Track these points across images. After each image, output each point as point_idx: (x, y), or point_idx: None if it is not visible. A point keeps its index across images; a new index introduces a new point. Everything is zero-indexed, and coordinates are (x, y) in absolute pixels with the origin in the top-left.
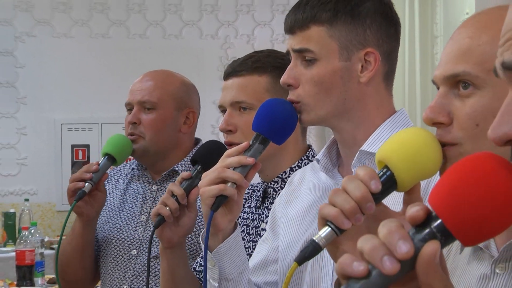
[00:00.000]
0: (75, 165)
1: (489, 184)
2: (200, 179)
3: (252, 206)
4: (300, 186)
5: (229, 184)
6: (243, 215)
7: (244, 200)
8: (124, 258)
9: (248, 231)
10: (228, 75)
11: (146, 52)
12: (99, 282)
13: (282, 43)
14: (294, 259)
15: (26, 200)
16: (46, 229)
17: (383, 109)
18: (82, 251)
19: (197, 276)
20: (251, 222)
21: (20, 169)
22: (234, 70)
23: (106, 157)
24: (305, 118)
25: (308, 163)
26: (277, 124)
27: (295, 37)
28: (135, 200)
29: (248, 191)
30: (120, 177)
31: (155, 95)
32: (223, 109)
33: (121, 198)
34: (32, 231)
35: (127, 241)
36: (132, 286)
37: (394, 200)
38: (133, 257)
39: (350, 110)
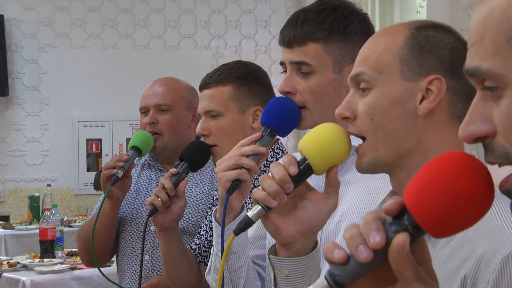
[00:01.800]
0: (90, 156)
1: (454, 183)
2: (186, 174)
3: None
4: None
5: (243, 170)
6: None
7: None
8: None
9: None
10: (201, 87)
11: (149, 61)
12: (114, 256)
13: (264, 53)
14: (232, 230)
15: (48, 185)
16: (65, 210)
17: None
18: (108, 228)
19: (193, 253)
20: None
21: (43, 160)
22: (205, 83)
23: (133, 149)
24: (305, 124)
25: (273, 155)
26: (283, 119)
27: (292, 51)
28: (149, 185)
29: None
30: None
31: (169, 98)
32: (201, 116)
33: (136, 183)
34: (53, 212)
35: (145, 219)
36: (152, 256)
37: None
38: (152, 231)
39: None
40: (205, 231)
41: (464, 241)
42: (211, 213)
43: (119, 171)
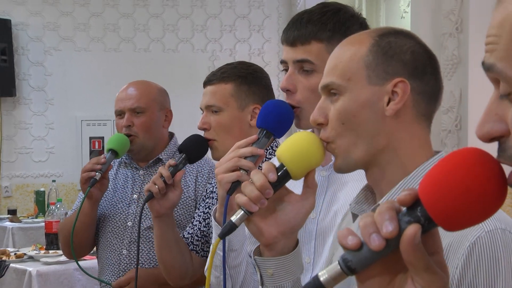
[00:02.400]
0: (92, 153)
1: (466, 179)
2: (183, 165)
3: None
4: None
5: (242, 171)
6: None
7: None
8: (121, 229)
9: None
10: (204, 84)
11: (149, 63)
12: (94, 249)
13: (258, 56)
14: (218, 234)
15: (53, 181)
16: (69, 204)
17: None
18: (87, 225)
19: (185, 241)
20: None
21: (49, 157)
22: (209, 79)
23: (110, 151)
24: (304, 123)
25: (272, 152)
26: (278, 120)
27: (296, 49)
28: (126, 183)
29: None
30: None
31: (143, 101)
32: (203, 111)
33: (113, 181)
34: (58, 206)
35: (123, 215)
36: (129, 250)
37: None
38: (129, 227)
39: None
40: (198, 222)
41: None
42: (204, 205)
43: (97, 173)
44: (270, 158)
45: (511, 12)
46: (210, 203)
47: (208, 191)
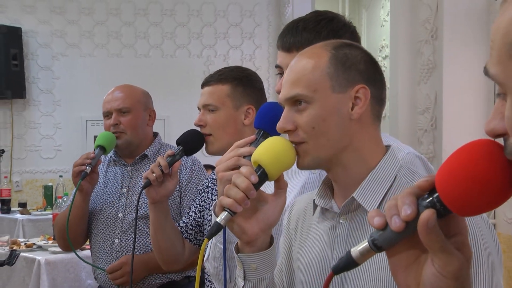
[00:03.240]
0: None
1: (474, 171)
2: (180, 156)
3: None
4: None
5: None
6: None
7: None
8: (113, 220)
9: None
10: (203, 84)
11: (149, 68)
12: (87, 241)
13: (249, 61)
14: (205, 236)
15: (60, 176)
16: None
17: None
18: (80, 218)
19: (180, 229)
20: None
21: (56, 154)
22: (207, 81)
23: (99, 148)
24: None
25: None
26: (274, 121)
27: (292, 55)
28: (115, 179)
29: None
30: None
31: (128, 102)
32: (200, 110)
33: (103, 178)
34: (65, 199)
35: (114, 207)
36: (121, 239)
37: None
38: (120, 218)
39: None
40: (194, 213)
41: None
42: (200, 198)
43: (87, 167)
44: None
45: (504, 19)
46: (205, 197)
47: (204, 186)
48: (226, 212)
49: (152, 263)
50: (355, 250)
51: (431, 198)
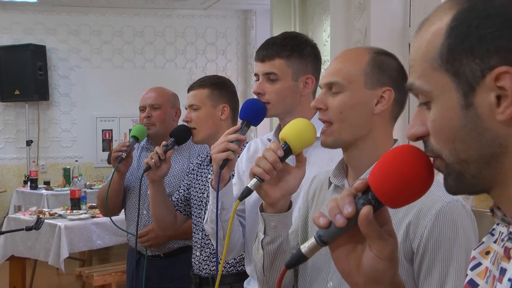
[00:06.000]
0: (104, 141)
1: (401, 169)
2: (172, 145)
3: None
4: (255, 154)
5: (230, 152)
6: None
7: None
8: (143, 196)
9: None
10: (188, 89)
11: (145, 77)
12: (122, 211)
13: (222, 72)
14: (238, 198)
15: (76, 161)
16: (87, 177)
17: (308, 107)
18: (117, 192)
19: (173, 203)
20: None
21: (73, 144)
22: (191, 86)
23: (133, 137)
24: (271, 114)
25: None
26: (255, 114)
27: (264, 64)
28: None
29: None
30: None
31: (159, 100)
32: (186, 109)
33: (137, 161)
34: (80, 179)
35: (144, 186)
36: (148, 210)
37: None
38: (148, 194)
39: (298, 106)
40: (183, 190)
41: None
42: (188, 178)
43: (123, 153)
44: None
45: (424, 40)
46: (192, 178)
47: (190, 169)
48: (256, 180)
49: (180, 232)
50: (304, 247)
51: (366, 196)
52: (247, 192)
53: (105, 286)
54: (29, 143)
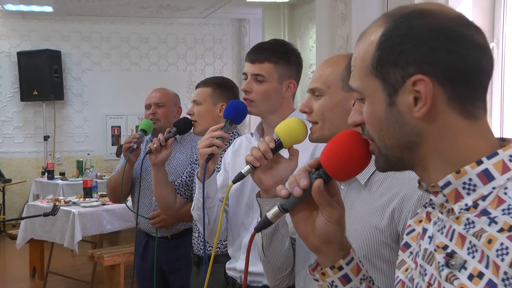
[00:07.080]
0: (113, 136)
1: (343, 149)
2: (174, 134)
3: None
4: (239, 148)
5: (215, 147)
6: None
7: None
8: (151, 183)
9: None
10: (196, 87)
11: (150, 79)
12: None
13: (219, 74)
14: (231, 180)
15: (88, 154)
16: (98, 169)
17: (288, 107)
18: (126, 179)
19: (175, 187)
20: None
21: (85, 139)
22: (198, 85)
23: (142, 131)
24: (251, 111)
25: (232, 135)
26: (237, 113)
27: (254, 66)
28: None
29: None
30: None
31: (163, 99)
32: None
33: (144, 153)
34: (91, 170)
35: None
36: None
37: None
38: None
39: (280, 106)
40: (185, 177)
41: (390, 186)
42: (191, 167)
43: (133, 144)
44: (232, 138)
45: (361, 50)
46: (194, 167)
47: (193, 159)
48: (249, 167)
49: (180, 214)
50: (270, 214)
51: (318, 172)
52: (239, 176)
53: (114, 266)
54: (46, 138)
